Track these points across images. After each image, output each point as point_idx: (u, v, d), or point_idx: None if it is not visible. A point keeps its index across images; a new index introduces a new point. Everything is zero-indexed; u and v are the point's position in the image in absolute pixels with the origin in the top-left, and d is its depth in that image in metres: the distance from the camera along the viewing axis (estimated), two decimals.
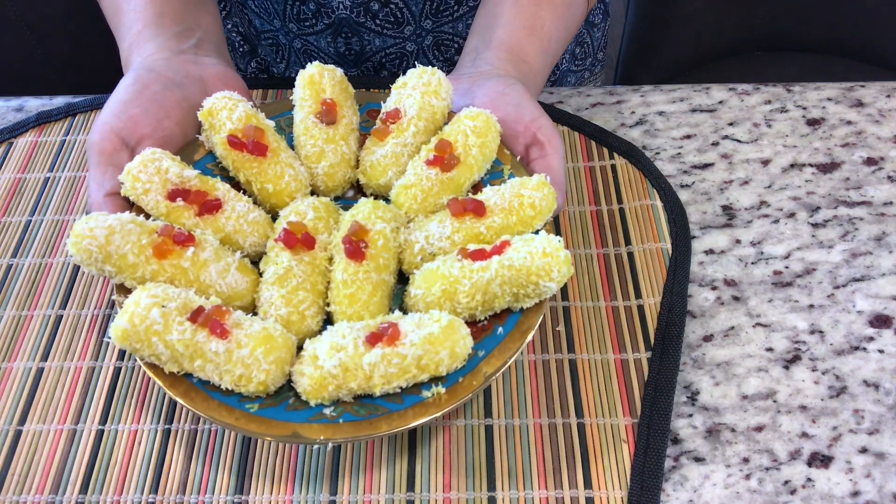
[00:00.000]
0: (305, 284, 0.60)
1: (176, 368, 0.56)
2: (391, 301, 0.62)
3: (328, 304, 0.61)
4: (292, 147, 0.70)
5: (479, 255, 0.59)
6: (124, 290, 0.60)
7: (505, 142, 0.68)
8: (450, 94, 0.68)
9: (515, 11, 0.72)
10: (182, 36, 0.73)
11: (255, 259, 0.65)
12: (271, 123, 0.68)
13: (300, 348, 0.59)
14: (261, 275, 0.62)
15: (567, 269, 0.57)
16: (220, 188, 0.64)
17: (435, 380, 0.57)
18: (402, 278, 0.64)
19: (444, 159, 0.64)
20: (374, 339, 0.56)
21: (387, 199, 0.67)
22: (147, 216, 0.63)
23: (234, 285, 0.60)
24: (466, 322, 0.59)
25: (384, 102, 0.70)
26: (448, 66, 0.93)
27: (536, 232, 0.62)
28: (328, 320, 0.62)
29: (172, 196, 0.62)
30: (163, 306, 0.56)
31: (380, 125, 0.68)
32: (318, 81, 0.69)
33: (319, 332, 0.61)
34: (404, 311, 0.61)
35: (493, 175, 0.67)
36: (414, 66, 0.69)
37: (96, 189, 0.64)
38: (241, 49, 1.01)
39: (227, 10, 0.99)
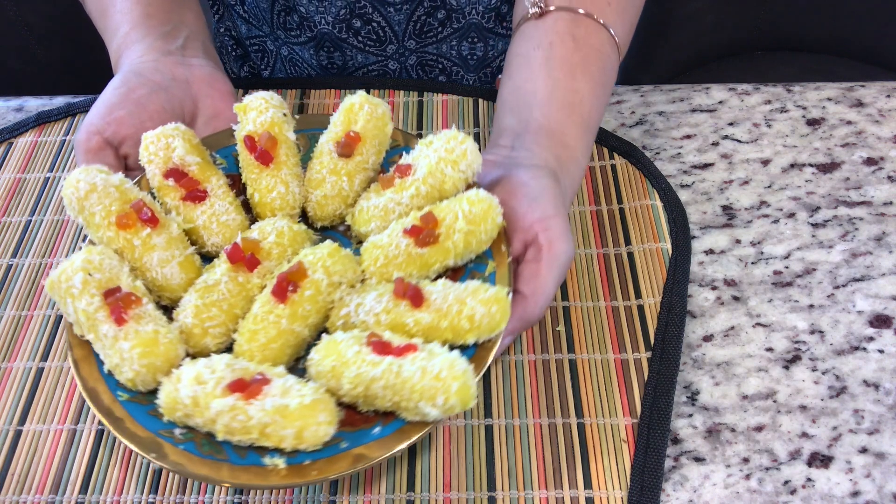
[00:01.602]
0: (223, 304, 0.59)
1: (78, 332, 0.58)
2: (297, 352, 0.59)
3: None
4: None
5: (379, 348, 0.55)
6: (92, 245, 0.61)
7: (508, 235, 0.62)
8: (472, 167, 0.62)
9: (551, 88, 0.68)
10: (169, 36, 0.73)
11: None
12: (293, 137, 0.67)
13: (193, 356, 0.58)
14: None
15: (459, 402, 0.52)
16: (214, 183, 0.65)
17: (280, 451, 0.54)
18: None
19: (423, 233, 0.60)
20: (235, 386, 0.53)
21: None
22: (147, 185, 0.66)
23: (168, 277, 0.61)
24: (351, 407, 0.56)
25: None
26: (424, 84, 0.90)
27: (469, 346, 0.58)
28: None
29: (167, 175, 0.64)
30: (89, 274, 0.58)
31: (388, 175, 0.65)
32: (356, 112, 0.66)
33: (219, 352, 0.59)
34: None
35: (478, 266, 0.62)
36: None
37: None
38: (233, 53, 1.01)
39: (220, 13, 0.99)
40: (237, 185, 0.68)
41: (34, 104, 0.88)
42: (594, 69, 0.69)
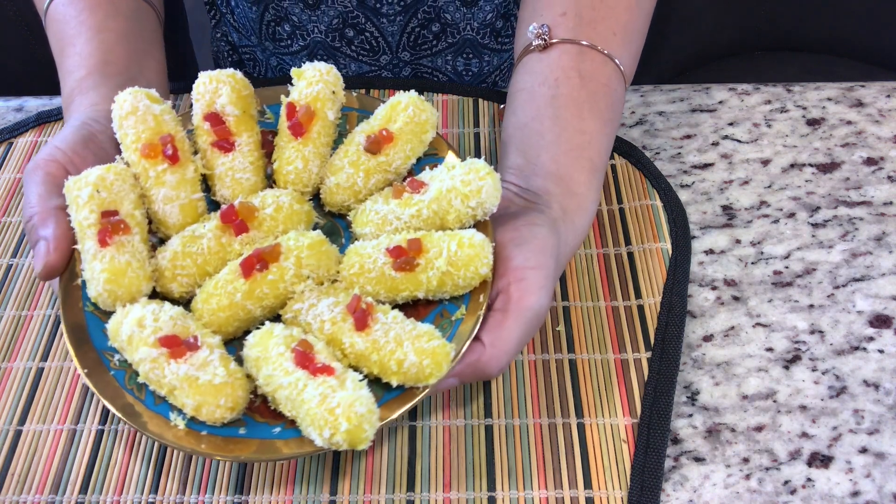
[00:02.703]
0: (198, 258, 0.61)
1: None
2: (245, 327, 0.60)
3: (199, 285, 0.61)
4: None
5: (298, 358, 0.54)
6: (115, 164, 0.63)
7: (491, 286, 0.60)
8: (485, 206, 0.60)
9: (559, 129, 0.65)
10: (125, 86, 0.70)
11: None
12: (332, 116, 0.66)
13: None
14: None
15: (346, 442, 0.52)
16: (245, 138, 0.65)
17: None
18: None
19: (402, 258, 0.59)
20: (165, 342, 0.56)
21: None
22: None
23: (167, 214, 0.62)
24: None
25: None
26: (424, 84, 0.88)
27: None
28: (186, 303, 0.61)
29: (206, 117, 0.65)
30: (97, 190, 0.60)
31: (401, 186, 0.63)
32: (398, 111, 0.65)
33: (182, 300, 0.61)
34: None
35: (450, 307, 0.60)
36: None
37: (40, 202, 0.62)
38: (230, 59, 1.01)
39: (217, 19, 0.99)
40: (271, 145, 0.68)
41: (34, 104, 0.88)
42: (602, 106, 0.67)
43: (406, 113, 0.64)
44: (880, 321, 0.68)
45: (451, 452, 0.61)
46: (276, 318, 0.60)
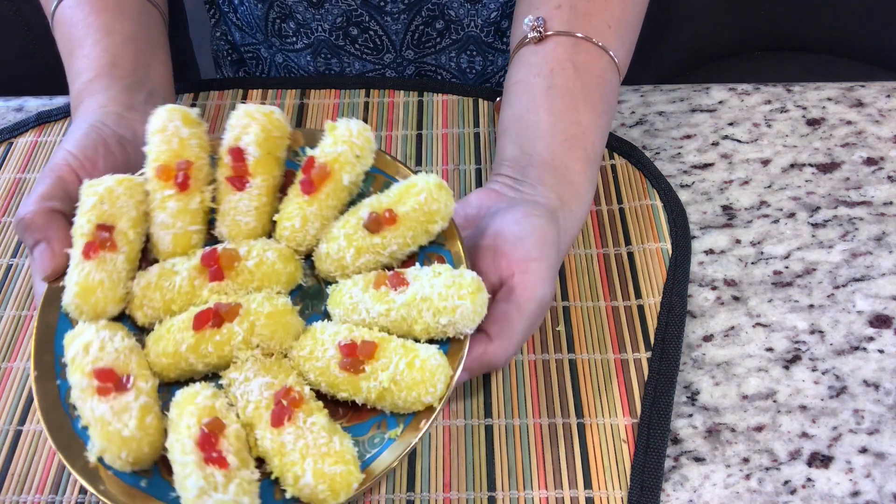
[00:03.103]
0: (167, 294, 0.60)
1: None
2: (190, 376, 0.59)
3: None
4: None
5: (203, 441, 0.52)
6: (132, 177, 0.63)
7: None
8: (457, 327, 0.57)
9: (554, 120, 0.66)
10: (133, 89, 0.71)
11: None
12: (347, 181, 0.63)
13: None
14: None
15: (330, 496, 0.52)
16: (258, 182, 0.63)
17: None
18: None
19: (349, 359, 0.56)
20: (100, 375, 0.55)
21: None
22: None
23: (159, 240, 0.62)
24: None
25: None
26: (424, 84, 0.88)
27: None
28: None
29: (230, 150, 0.63)
30: (101, 202, 0.60)
31: (382, 275, 0.59)
32: (413, 193, 0.60)
33: (145, 327, 0.61)
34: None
35: (391, 421, 0.57)
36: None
37: (42, 200, 0.62)
38: (229, 58, 1.01)
39: (217, 17, 0.99)
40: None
41: (34, 104, 0.88)
42: (596, 97, 0.68)
43: (417, 198, 0.60)
44: (880, 321, 0.68)
45: (451, 452, 0.61)
46: None
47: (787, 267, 0.71)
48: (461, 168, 0.79)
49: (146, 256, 0.63)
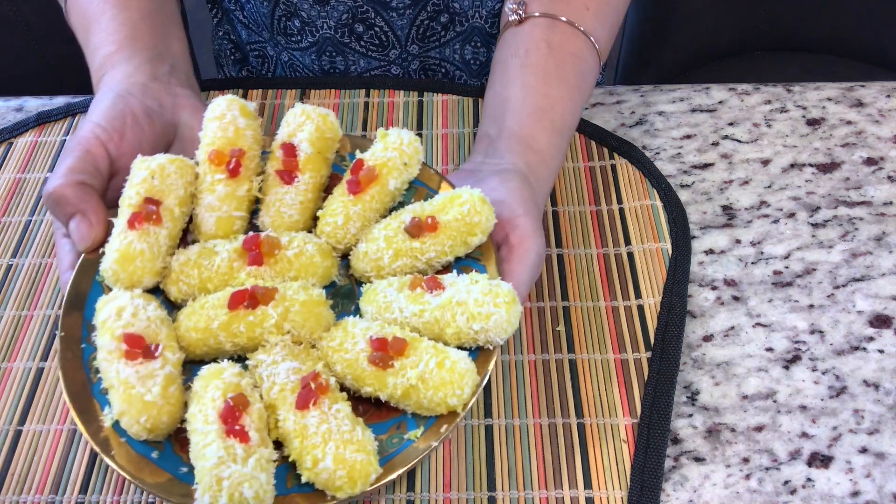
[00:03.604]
0: (204, 273, 0.61)
1: None
2: (216, 356, 0.59)
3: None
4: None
5: (226, 413, 0.53)
6: (184, 158, 0.64)
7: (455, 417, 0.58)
8: (489, 335, 0.57)
9: (524, 94, 0.69)
10: (155, 60, 0.71)
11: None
12: (393, 186, 0.64)
13: None
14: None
15: (348, 485, 0.52)
16: (306, 178, 0.64)
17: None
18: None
19: (381, 355, 0.56)
20: (130, 348, 0.55)
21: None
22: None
23: (202, 221, 0.63)
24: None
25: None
26: (424, 84, 0.89)
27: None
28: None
29: (282, 146, 0.65)
30: (152, 176, 0.61)
31: (418, 279, 0.59)
32: (456, 204, 0.61)
33: (178, 302, 0.62)
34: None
35: (411, 423, 0.57)
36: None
37: (70, 174, 0.61)
38: (232, 57, 1.01)
39: (219, 17, 0.99)
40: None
41: (34, 104, 0.88)
42: (569, 73, 0.70)
43: (460, 209, 0.60)
44: (880, 321, 0.67)
45: (451, 452, 0.61)
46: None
47: (787, 267, 0.71)
48: None
49: (185, 238, 0.64)
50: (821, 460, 0.60)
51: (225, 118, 0.64)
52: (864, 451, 0.61)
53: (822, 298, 0.69)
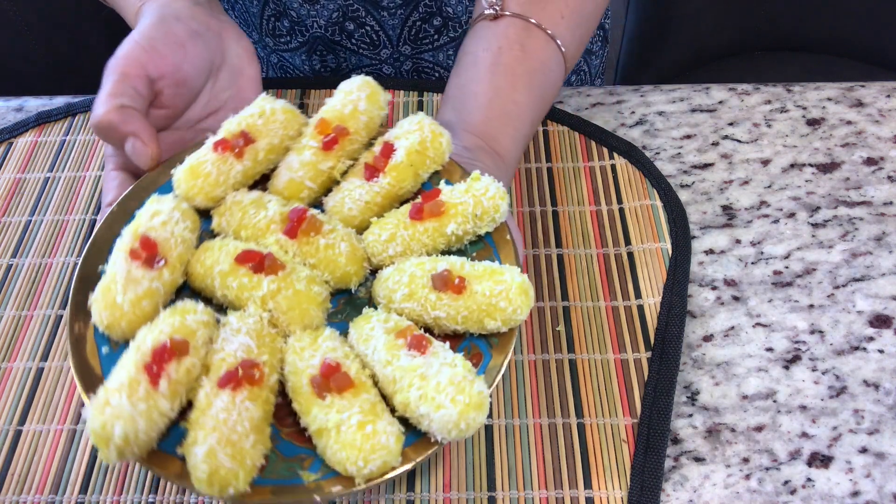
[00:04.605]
0: (244, 219, 0.61)
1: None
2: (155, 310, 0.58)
3: None
4: None
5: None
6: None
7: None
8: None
9: (493, 95, 0.69)
10: None
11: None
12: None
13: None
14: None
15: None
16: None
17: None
18: None
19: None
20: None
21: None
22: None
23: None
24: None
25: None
26: (424, 84, 0.88)
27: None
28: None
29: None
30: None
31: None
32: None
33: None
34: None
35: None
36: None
37: (110, 99, 0.61)
38: None
39: None
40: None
41: (34, 104, 0.88)
42: (535, 83, 0.70)
43: (495, 287, 0.56)
44: (880, 321, 0.68)
45: (452, 452, 0.61)
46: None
47: (787, 267, 0.71)
48: None
49: (264, 181, 0.65)
50: (821, 460, 0.60)
51: (351, 95, 0.64)
52: (864, 451, 0.61)
53: (822, 298, 0.69)
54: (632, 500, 0.58)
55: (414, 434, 0.53)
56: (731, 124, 0.82)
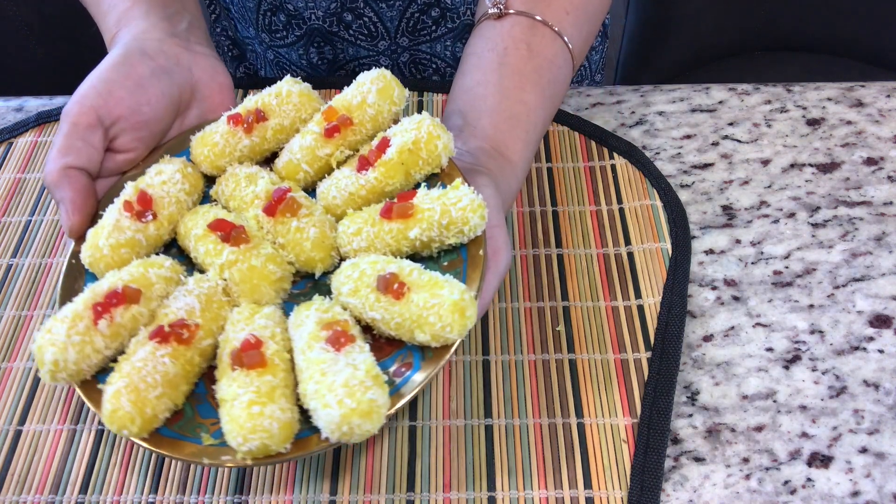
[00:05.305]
0: (235, 191, 0.64)
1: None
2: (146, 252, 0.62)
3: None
4: None
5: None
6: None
7: None
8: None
9: (500, 97, 0.67)
10: (173, 17, 0.70)
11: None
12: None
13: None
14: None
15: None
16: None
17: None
18: None
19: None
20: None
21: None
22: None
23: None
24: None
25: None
26: (424, 84, 0.88)
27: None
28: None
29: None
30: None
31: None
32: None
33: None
34: None
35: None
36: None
37: (57, 157, 0.62)
38: (230, 53, 1.01)
39: (217, 14, 0.99)
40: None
41: (34, 104, 0.88)
42: (544, 81, 0.69)
43: (441, 303, 0.54)
44: (880, 321, 0.68)
45: (451, 452, 0.61)
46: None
47: (787, 267, 0.71)
48: None
49: (267, 163, 0.68)
50: (821, 460, 0.60)
51: (363, 86, 0.65)
52: (864, 451, 0.61)
53: (822, 298, 0.69)
54: (632, 500, 0.58)
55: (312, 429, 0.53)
56: (731, 124, 0.82)
